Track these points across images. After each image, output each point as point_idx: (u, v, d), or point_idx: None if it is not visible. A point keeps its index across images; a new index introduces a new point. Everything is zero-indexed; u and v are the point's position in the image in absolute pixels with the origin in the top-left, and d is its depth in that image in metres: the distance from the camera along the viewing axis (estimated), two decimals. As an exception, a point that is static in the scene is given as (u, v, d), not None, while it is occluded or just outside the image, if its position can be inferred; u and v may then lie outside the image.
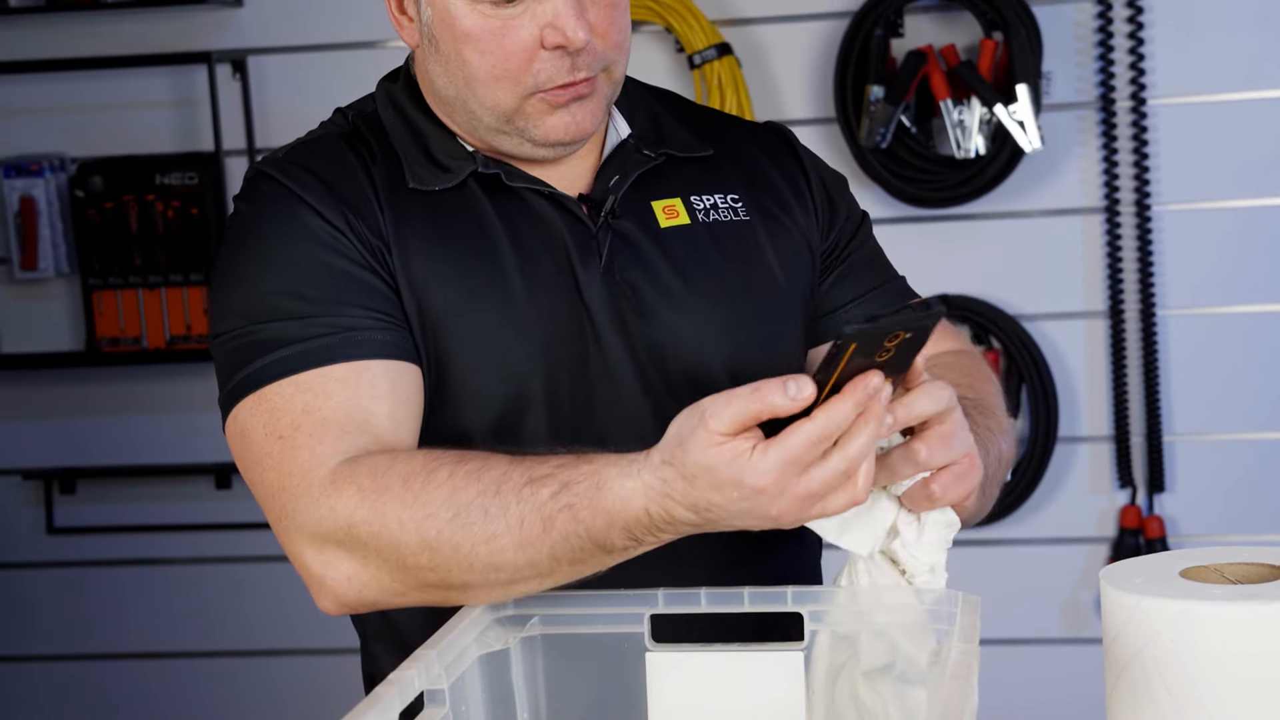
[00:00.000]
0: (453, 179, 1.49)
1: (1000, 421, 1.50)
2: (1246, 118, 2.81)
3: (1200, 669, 1.13)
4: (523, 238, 1.49)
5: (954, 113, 2.78)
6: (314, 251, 1.44)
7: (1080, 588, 2.92)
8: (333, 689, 2.91)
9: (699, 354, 1.49)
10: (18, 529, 3.14)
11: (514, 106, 1.45)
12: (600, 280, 1.48)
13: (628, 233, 1.51)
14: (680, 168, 1.55)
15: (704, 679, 1.30)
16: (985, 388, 1.55)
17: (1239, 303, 2.84)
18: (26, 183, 3.02)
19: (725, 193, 1.56)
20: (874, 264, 1.63)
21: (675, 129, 1.58)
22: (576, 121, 1.46)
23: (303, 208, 1.46)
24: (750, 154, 1.59)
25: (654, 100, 1.60)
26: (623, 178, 1.52)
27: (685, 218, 1.53)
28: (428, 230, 1.48)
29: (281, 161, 1.51)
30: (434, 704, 1.21)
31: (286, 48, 3.00)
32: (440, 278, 1.46)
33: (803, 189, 1.59)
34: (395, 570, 1.31)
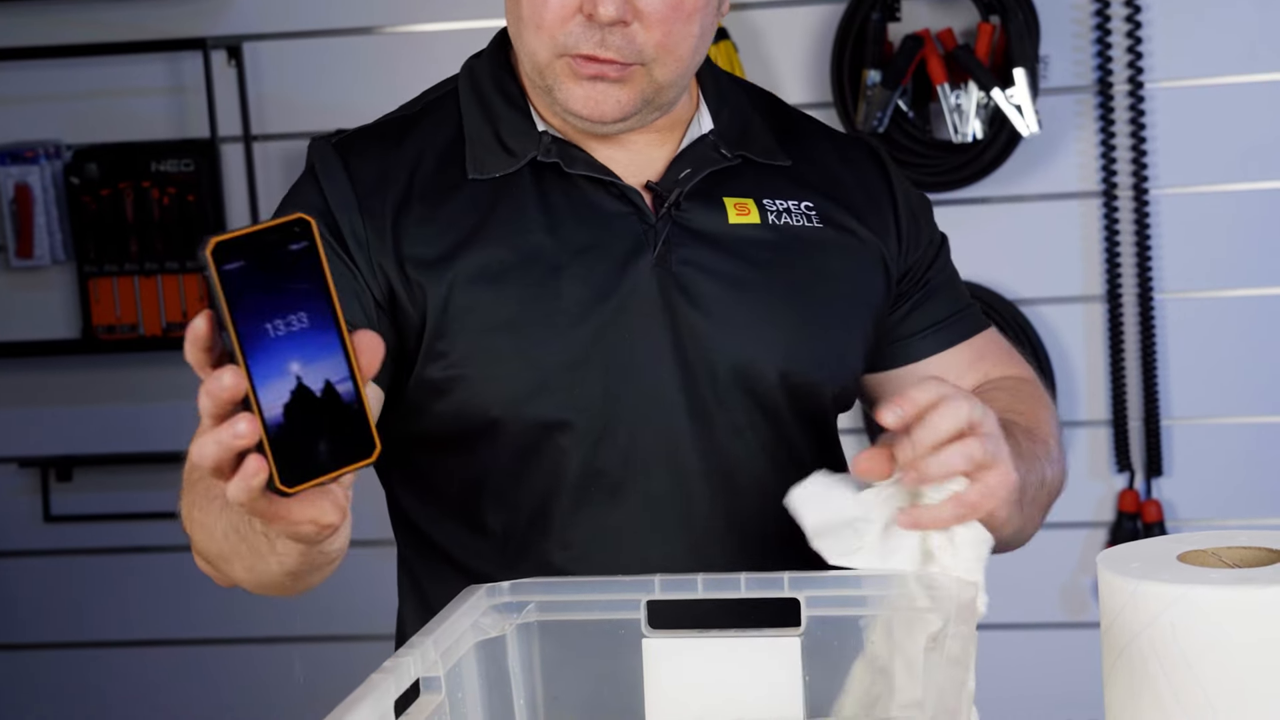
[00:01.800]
0: (515, 163, 1.49)
1: (1049, 448, 1.51)
2: (1245, 101, 2.80)
3: (1198, 653, 1.13)
4: (568, 228, 1.48)
5: (951, 97, 2.77)
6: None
7: (1078, 572, 2.92)
8: (330, 676, 2.91)
9: (752, 353, 1.48)
10: (14, 517, 3.14)
11: (545, 61, 1.45)
12: (651, 272, 1.47)
13: (692, 224, 1.50)
14: (756, 170, 1.54)
15: (701, 665, 1.29)
16: (1039, 413, 1.55)
17: (1237, 287, 2.84)
18: (22, 170, 3.01)
19: (800, 199, 1.54)
20: (953, 290, 1.64)
21: (761, 133, 1.56)
22: (597, 101, 1.44)
23: (314, 196, 1.49)
24: (832, 165, 1.58)
25: (747, 100, 1.59)
26: (694, 171, 1.50)
27: (756, 217, 1.51)
28: (470, 220, 1.48)
29: (332, 141, 1.54)
30: (430, 691, 1.20)
31: (282, 34, 2.99)
32: (473, 268, 1.46)
33: (886, 208, 1.58)
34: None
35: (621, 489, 1.48)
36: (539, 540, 1.49)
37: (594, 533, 1.48)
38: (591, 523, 1.48)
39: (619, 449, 1.47)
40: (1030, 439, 1.47)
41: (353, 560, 3.16)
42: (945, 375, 1.52)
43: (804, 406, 1.51)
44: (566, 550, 1.49)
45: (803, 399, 1.51)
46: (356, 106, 2.94)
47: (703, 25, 1.46)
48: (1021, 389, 1.59)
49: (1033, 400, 1.57)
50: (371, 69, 2.97)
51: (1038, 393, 1.60)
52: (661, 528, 1.46)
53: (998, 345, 1.64)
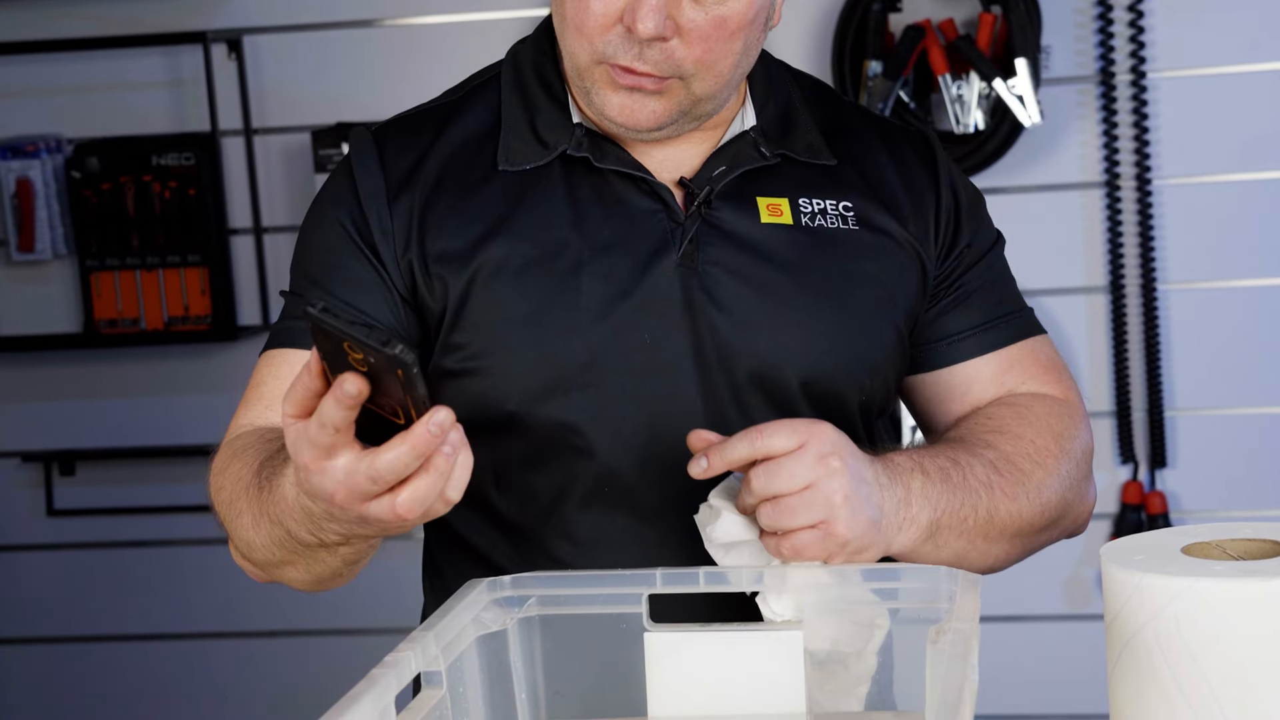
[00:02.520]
0: (547, 155, 1.49)
1: (1020, 479, 1.45)
2: (1247, 91, 2.80)
3: (1202, 645, 1.12)
4: (594, 224, 1.47)
5: (953, 87, 2.77)
6: (331, 235, 1.50)
7: (1082, 564, 2.92)
8: (333, 669, 2.91)
9: (774, 357, 1.46)
10: (17, 511, 3.14)
11: (584, 66, 1.44)
12: (675, 271, 1.46)
13: (722, 223, 1.48)
14: (795, 168, 1.52)
15: (703, 659, 1.29)
16: (1035, 440, 1.49)
17: (1240, 277, 2.83)
18: (23, 164, 3.01)
19: (839, 199, 1.51)
20: (993, 294, 1.58)
21: (806, 130, 1.53)
22: (632, 110, 1.43)
23: (347, 186, 1.50)
24: (879, 162, 1.55)
25: (798, 93, 1.56)
26: (729, 169, 1.49)
27: (789, 218, 1.49)
28: (497, 212, 1.48)
29: (372, 130, 1.54)
30: (431, 685, 1.20)
31: (282, 27, 2.99)
32: (495, 262, 1.46)
33: (928, 209, 1.54)
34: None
35: (635, 490, 1.47)
36: (551, 535, 1.49)
37: (604, 532, 1.48)
38: (603, 521, 1.48)
39: (633, 450, 1.46)
40: (993, 470, 1.44)
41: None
42: (970, 384, 1.54)
43: (826, 411, 1.48)
44: (576, 547, 1.48)
45: (825, 404, 1.49)
46: (357, 99, 2.95)
47: (746, 42, 1.44)
48: (1032, 410, 1.52)
49: (1037, 425, 1.50)
50: (372, 62, 2.97)
51: (1052, 416, 1.52)
52: (677, 531, 1.44)
53: (1035, 357, 1.57)
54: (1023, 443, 1.48)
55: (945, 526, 1.39)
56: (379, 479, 1.13)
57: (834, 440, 1.31)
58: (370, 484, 1.13)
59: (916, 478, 1.38)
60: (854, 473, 1.31)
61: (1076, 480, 1.51)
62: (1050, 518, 1.49)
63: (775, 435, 1.30)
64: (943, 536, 1.39)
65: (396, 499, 1.14)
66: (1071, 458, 1.51)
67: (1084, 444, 1.54)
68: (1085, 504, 1.54)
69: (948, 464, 1.41)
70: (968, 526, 1.41)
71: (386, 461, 1.12)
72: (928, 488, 1.38)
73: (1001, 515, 1.44)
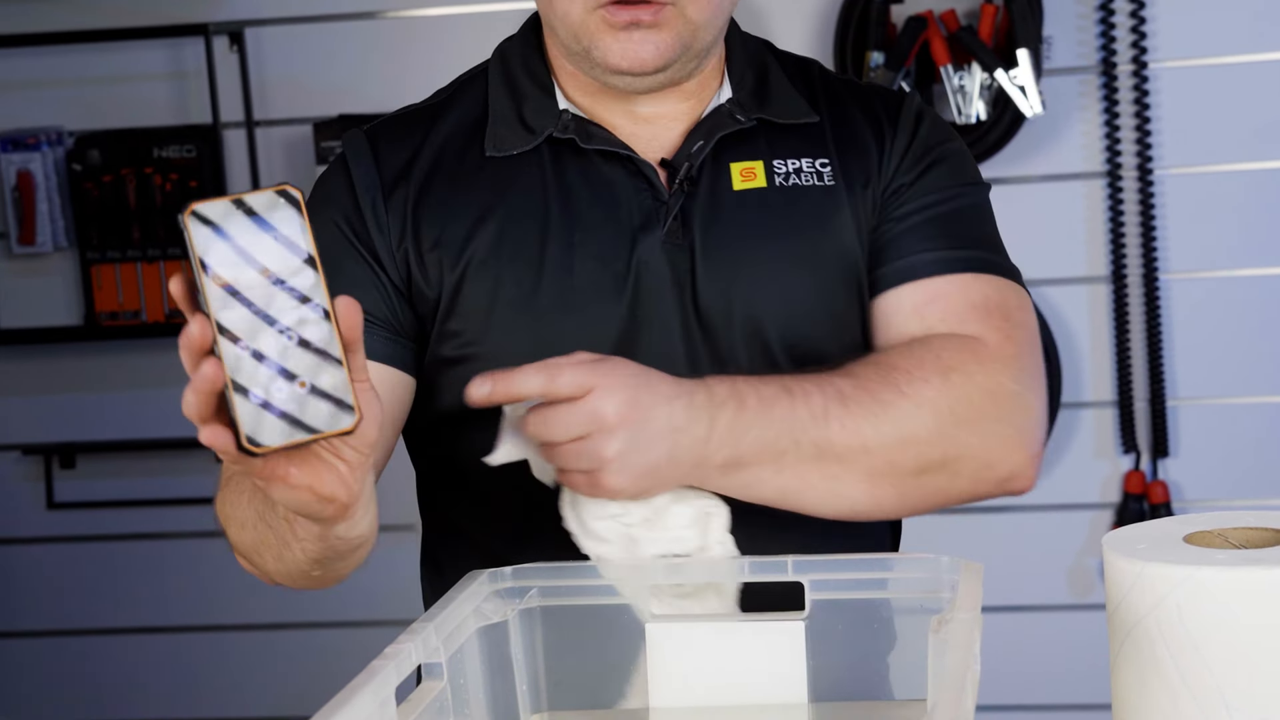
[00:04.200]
0: (534, 140, 1.50)
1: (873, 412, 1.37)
2: (1249, 80, 2.79)
3: (1205, 634, 1.12)
4: (581, 207, 1.48)
5: (954, 78, 2.77)
6: (326, 237, 1.46)
7: (1085, 554, 2.92)
8: (333, 662, 2.90)
9: (755, 324, 1.47)
10: (17, 504, 3.14)
11: (579, 20, 1.45)
12: (660, 248, 1.47)
13: (699, 197, 1.49)
14: (772, 131, 1.52)
15: (704, 650, 1.29)
16: (889, 374, 1.40)
17: (1242, 266, 2.83)
18: (24, 157, 3.01)
19: (815, 157, 1.51)
20: (932, 230, 1.50)
21: (783, 93, 1.53)
22: (636, 51, 1.44)
23: (342, 185, 1.51)
24: (855, 119, 1.54)
25: (774, 62, 1.56)
26: (706, 142, 1.50)
27: (762, 180, 1.50)
28: (486, 199, 1.49)
29: (365, 129, 1.55)
30: (432, 677, 1.20)
31: (284, 19, 2.98)
32: (486, 248, 1.47)
33: (884, 150, 1.52)
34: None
35: None
36: (547, 521, 1.49)
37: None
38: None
39: None
40: (837, 400, 1.37)
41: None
42: (891, 316, 1.49)
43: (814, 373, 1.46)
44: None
45: (809, 365, 1.48)
46: (359, 91, 2.94)
47: None
48: (928, 344, 1.44)
49: (920, 357, 1.41)
50: (374, 54, 2.97)
51: (947, 350, 1.42)
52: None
53: (965, 295, 1.48)
54: (894, 373, 1.40)
55: (755, 462, 1.35)
56: (187, 369, 1.09)
57: (618, 390, 1.29)
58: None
59: (727, 410, 1.33)
60: (634, 423, 1.29)
61: (968, 420, 1.39)
62: (926, 458, 1.39)
63: (561, 377, 1.29)
64: (751, 472, 1.35)
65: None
66: (958, 394, 1.40)
67: (985, 385, 1.41)
68: (994, 452, 1.41)
69: (777, 393, 1.35)
70: (789, 460, 1.35)
71: (180, 351, 1.08)
72: (739, 420, 1.33)
73: (838, 448, 1.36)
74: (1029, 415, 1.43)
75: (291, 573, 1.38)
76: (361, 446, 1.17)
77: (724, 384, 1.36)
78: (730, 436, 1.33)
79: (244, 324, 1.05)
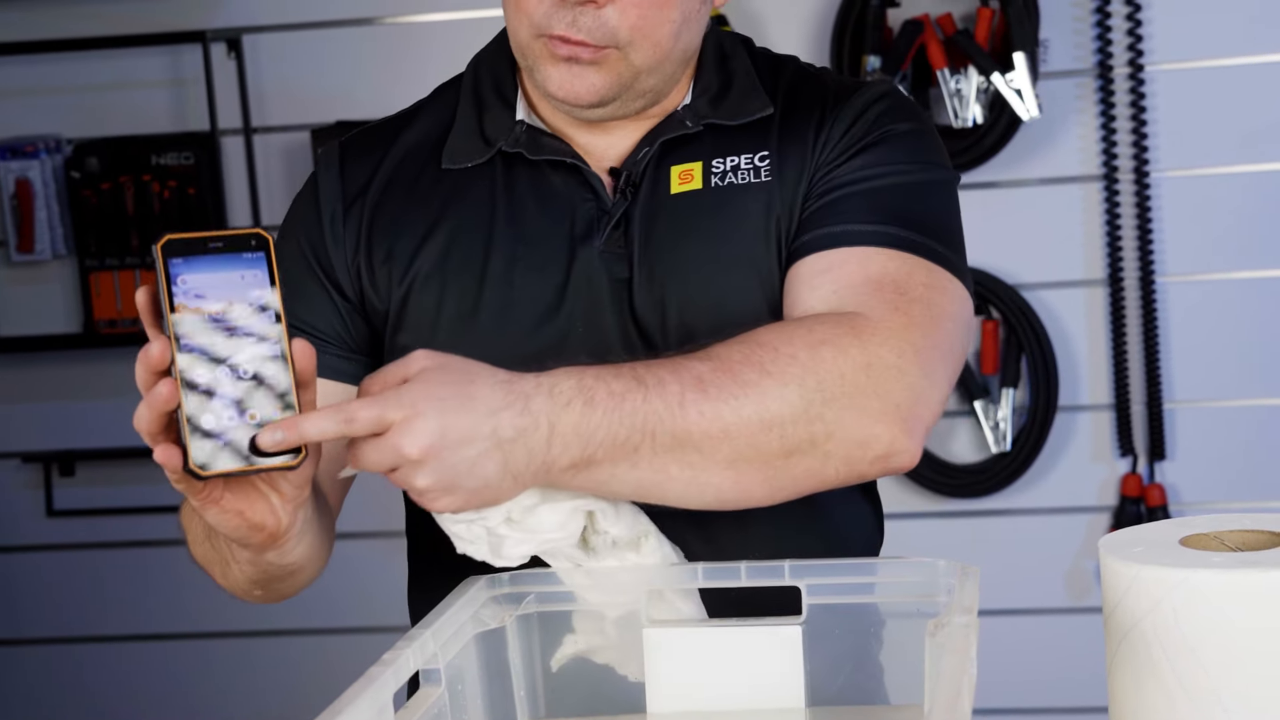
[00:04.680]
0: (488, 152, 1.50)
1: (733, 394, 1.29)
2: (1245, 83, 2.80)
3: (1201, 637, 1.12)
4: (527, 219, 1.48)
5: (951, 82, 2.77)
6: (289, 252, 1.52)
7: (1082, 557, 2.92)
8: (333, 668, 2.91)
9: (686, 328, 1.45)
10: (17, 512, 3.14)
11: (525, 42, 1.45)
12: (599, 258, 1.46)
13: (639, 203, 1.48)
14: (718, 131, 1.50)
15: (702, 654, 1.29)
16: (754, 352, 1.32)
17: (1239, 269, 2.83)
18: (22, 164, 3.01)
19: (755, 152, 1.49)
20: (845, 205, 1.45)
21: (743, 94, 1.51)
22: (571, 83, 1.43)
23: (310, 198, 1.54)
24: (805, 109, 1.50)
25: (742, 65, 1.53)
26: (651, 148, 1.49)
27: (698, 182, 1.48)
28: (436, 213, 1.49)
29: (340, 140, 1.57)
30: (430, 683, 1.20)
31: (281, 26, 2.99)
32: (432, 262, 1.48)
33: (820, 137, 1.49)
34: None
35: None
36: None
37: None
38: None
39: None
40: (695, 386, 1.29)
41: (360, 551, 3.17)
42: (790, 287, 1.43)
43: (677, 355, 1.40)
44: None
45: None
46: (356, 98, 2.95)
47: (684, 12, 1.43)
48: (802, 321, 1.37)
49: (790, 334, 1.34)
50: (371, 60, 2.97)
51: (821, 326, 1.35)
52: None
53: (863, 269, 1.41)
54: (760, 350, 1.32)
55: (606, 459, 1.27)
56: (138, 383, 1.17)
57: (422, 419, 1.21)
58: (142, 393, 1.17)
59: (573, 411, 1.26)
60: (442, 453, 1.21)
61: (838, 396, 1.31)
62: (793, 439, 1.30)
63: (356, 421, 1.20)
64: (604, 470, 1.28)
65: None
66: (828, 368, 1.31)
67: (858, 359, 1.32)
68: (867, 429, 1.32)
69: (629, 385, 1.28)
70: (645, 454, 1.28)
71: (136, 364, 1.16)
72: (587, 419, 1.26)
73: (697, 436, 1.28)
74: (909, 389, 1.33)
75: (236, 589, 1.42)
76: (299, 481, 1.23)
77: (570, 380, 1.27)
78: (576, 437, 1.26)
79: (203, 354, 1.13)
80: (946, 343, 1.38)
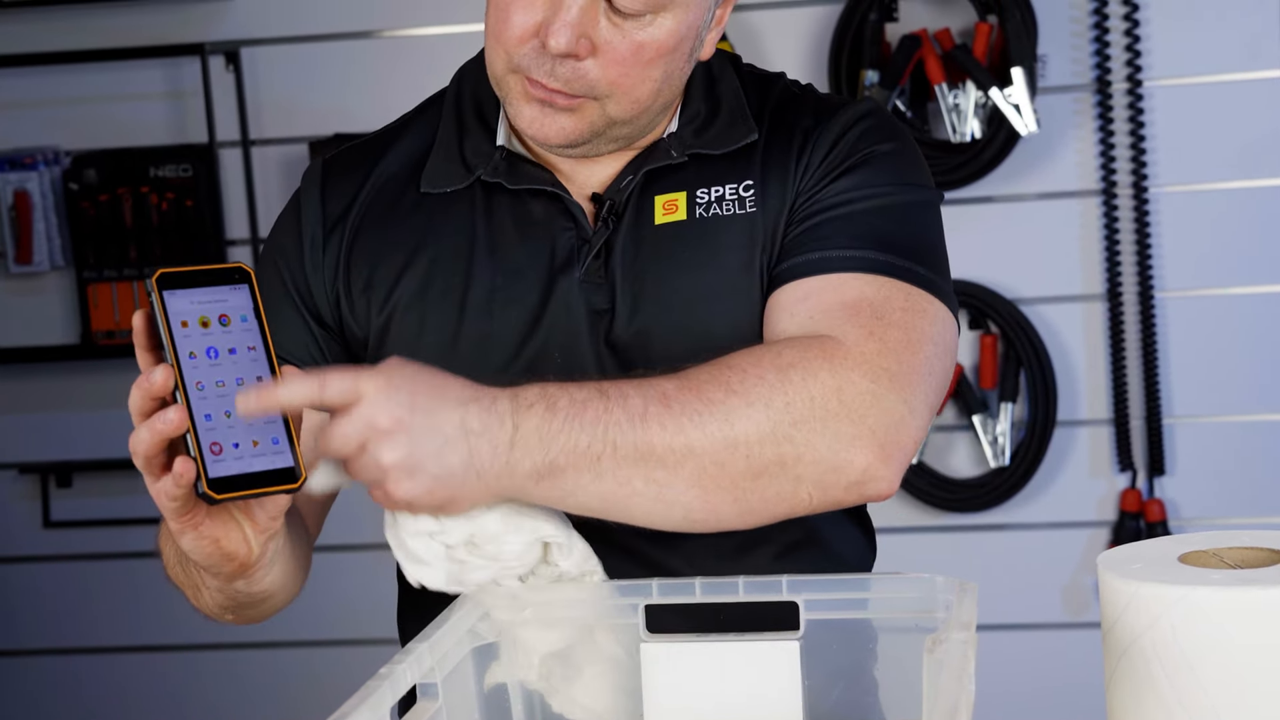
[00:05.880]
0: (467, 179, 1.49)
1: (698, 411, 1.28)
2: (1244, 99, 2.80)
3: (1199, 654, 1.12)
4: (506, 248, 1.47)
5: (949, 96, 2.77)
6: (269, 274, 1.53)
7: (1081, 572, 2.92)
8: (330, 680, 2.90)
9: (668, 359, 1.41)
10: (14, 523, 3.14)
11: (500, 75, 1.43)
12: (578, 286, 1.45)
13: (622, 232, 1.47)
14: (703, 161, 1.48)
15: (700, 669, 1.29)
16: (722, 373, 1.31)
17: (1237, 284, 2.83)
18: (20, 176, 3.01)
19: (739, 182, 1.47)
20: (822, 232, 1.43)
21: (729, 122, 1.49)
22: (542, 124, 1.42)
23: (292, 220, 1.54)
24: (788, 135, 1.49)
25: (729, 88, 1.52)
26: (634, 177, 1.47)
27: (683, 213, 1.47)
28: (416, 239, 1.49)
29: (324, 158, 1.56)
30: (427, 698, 1.20)
31: (280, 39, 2.99)
32: (411, 291, 1.48)
33: (801, 165, 1.48)
34: None
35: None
36: None
37: None
38: None
39: None
40: (659, 401, 1.28)
41: (353, 564, 3.17)
42: (770, 315, 1.42)
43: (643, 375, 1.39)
44: None
45: None
46: (354, 110, 2.95)
47: (667, 70, 1.42)
48: (773, 344, 1.36)
49: (760, 356, 1.33)
50: (369, 73, 2.97)
51: (790, 349, 1.33)
52: (607, 544, 1.39)
53: (839, 294, 1.40)
54: (727, 371, 1.31)
55: (567, 467, 1.26)
56: (131, 408, 1.19)
57: (393, 392, 1.22)
58: (134, 418, 1.19)
59: (535, 414, 1.26)
60: (413, 428, 1.22)
61: (807, 419, 1.29)
62: (760, 459, 1.29)
63: (328, 386, 1.21)
64: (567, 479, 1.27)
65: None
66: (796, 391, 1.30)
67: (829, 383, 1.31)
68: (840, 454, 1.30)
69: (591, 396, 1.28)
70: (607, 464, 1.27)
71: (133, 390, 1.18)
72: (548, 424, 1.26)
73: (660, 450, 1.27)
74: (885, 415, 1.31)
75: (208, 612, 1.44)
76: (274, 511, 1.24)
77: (534, 388, 1.28)
78: (538, 441, 1.25)
79: (206, 383, 1.17)
80: (925, 367, 1.36)
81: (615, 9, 1.38)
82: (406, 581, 1.60)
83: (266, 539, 1.26)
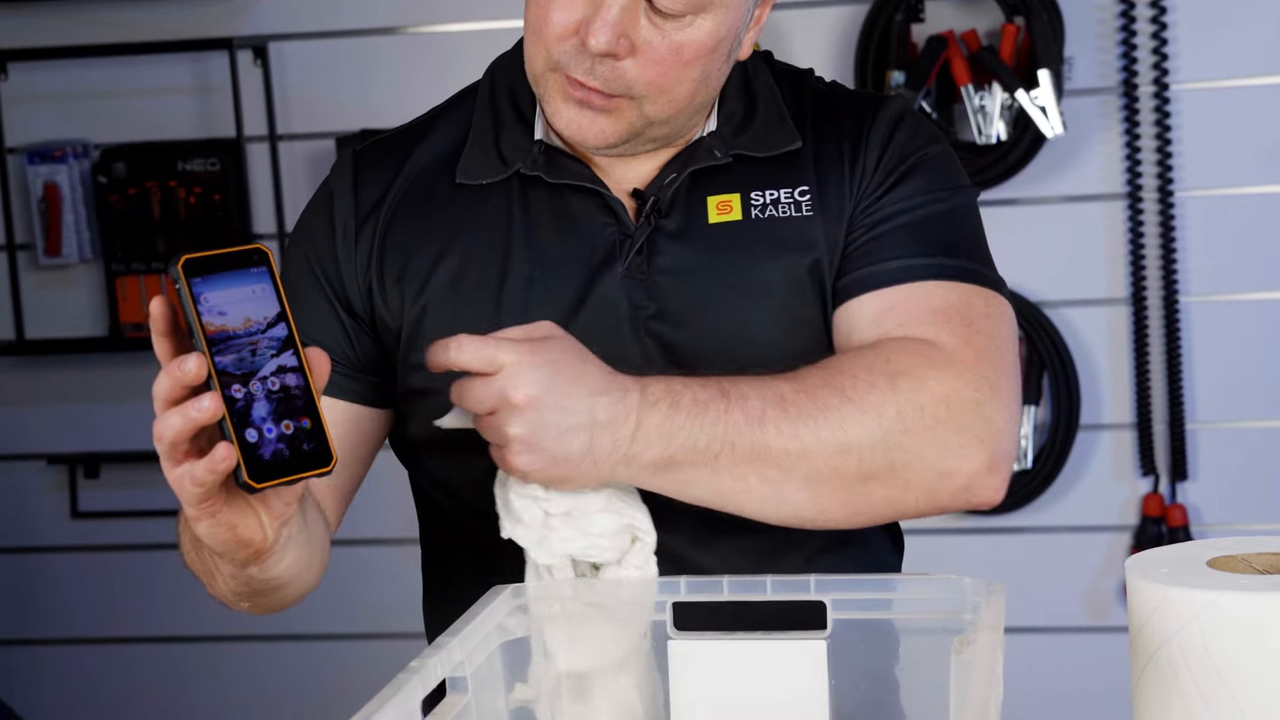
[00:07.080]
0: (505, 172, 1.49)
1: (813, 415, 1.33)
2: (1271, 102, 2.79)
3: (1228, 659, 1.12)
4: (544, 242, 1.48)
5: (975, 98, 2.77)
6: (296, 264, 1.53)
7: (1102, 576, 2.92)
8: (358, 673, 2.91)
9: (717, 357, 1.44)
10: (42, 514, 3.15)
11: (539, 73, 1.44)
12: (620, 283, 1.46)
13: (670, 229, 1.47)
14: (751, 163, 1.49)
15: (727, 667, 1.29)
16: (835, 377, 1.35)
17: (1262, 289, 2.83)
18: (50, 169, 3.03)
19: (794, 186, 1.49)
20: (894, 239, 1.46)
21: (769, 123, 1.50)
22: (580, 124, 1.43)
23: (323, 209, 1.53)
24: (836, 139, 1.50)
25: (765, 85, 1.53)
26: (679, 175, 1.48)
27: (738, 214, 1.48)
28: (452, 230, 1.49)
29: (356, 149, 1.56)
30: (456, 691, 1.21)
31: (308, 34, 3.00)
32: (447, 281, 1.48)
33: (856, 172, 1.49)
34: None
35: None
36: None
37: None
38: None
39: None
40: (777, 404, 1.33)
41: (379, 558, 3.18)
42: (851, 327, 1.45)
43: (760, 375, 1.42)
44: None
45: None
46: (381, 106, 2.96)
47: (705, 71, 1.43)
48: (878, 347, 1.40)
49: (869, 360, 1.37)
50: (396, 69, 2.98)
51: (897, 353, 1.38)
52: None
53: (925, 302, 1.43)
54: (840, 376, 1.35)
55: (685, 463, 1.32)
56: (156, 396, 1.16)
57: (533, 370, 1.27)
58: (159, 405, 1.17)
59: (659, 410, 1.31)
60: (543, 408, 1.27)
61: (918, 427, 1.34)
62: (871, 464, 1.34)
63: (464, 352, 1.28)
64: (684, 472, 1.32)
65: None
66: (907, 399, 1.34)
67: (937, 391, 1.35)
68: (948, 461, 1.35)
69: (713, 396, 1.33)
70: (721, 464, 1.32)
71: (161, 378, 1.16)
72: (670, 421, 1.31)
73: (775, 451, 1.32)
74: (989, 424, 1.36)
75: (224, 600, 1.45)
76: (289, 498, 1.24)
77: (660, 384, 1.33)
78: (659, 437, 1.31)
79: (235, 369, 1.15)
80: (1012, 371, 1.42)
81: (656, 9, 1.39)
82: (432, 575, 1.61)
83: (280, 524, 1.26)
